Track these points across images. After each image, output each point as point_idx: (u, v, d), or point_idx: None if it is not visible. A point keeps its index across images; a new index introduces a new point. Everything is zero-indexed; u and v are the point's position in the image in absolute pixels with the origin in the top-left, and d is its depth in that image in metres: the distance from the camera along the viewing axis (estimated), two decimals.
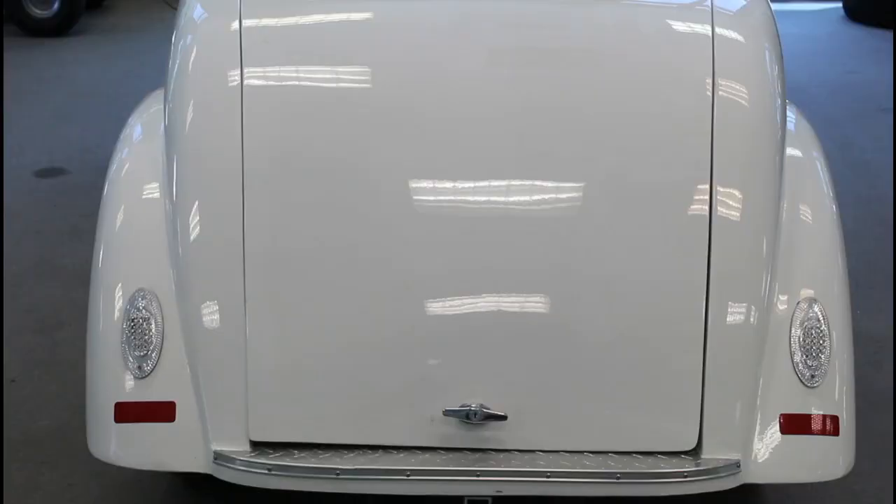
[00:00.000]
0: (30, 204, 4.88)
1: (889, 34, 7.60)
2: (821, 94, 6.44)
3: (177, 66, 2.48)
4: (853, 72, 6.99)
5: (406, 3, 2.58)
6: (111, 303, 2.41)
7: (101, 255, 2.50)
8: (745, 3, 2.62)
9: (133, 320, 2.35)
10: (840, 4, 8.34)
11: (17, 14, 7.45)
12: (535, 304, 2.35)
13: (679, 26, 2.52)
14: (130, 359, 2.34)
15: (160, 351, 2.33)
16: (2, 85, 5.80)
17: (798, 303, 2.39)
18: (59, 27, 7.50)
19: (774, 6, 2.67)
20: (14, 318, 3.83)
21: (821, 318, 2.38)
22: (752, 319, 2.34)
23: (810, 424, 2.35)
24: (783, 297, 2.39)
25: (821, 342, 2.36)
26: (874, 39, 7.70)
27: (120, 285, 2.42)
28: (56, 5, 7.46)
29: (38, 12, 7.47)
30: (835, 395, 2.38)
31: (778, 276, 2.39)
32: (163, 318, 2.34)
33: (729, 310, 2.33)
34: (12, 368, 3.52)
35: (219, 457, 2.31)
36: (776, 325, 2.36)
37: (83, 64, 6.96)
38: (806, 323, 2.37)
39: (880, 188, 5.13)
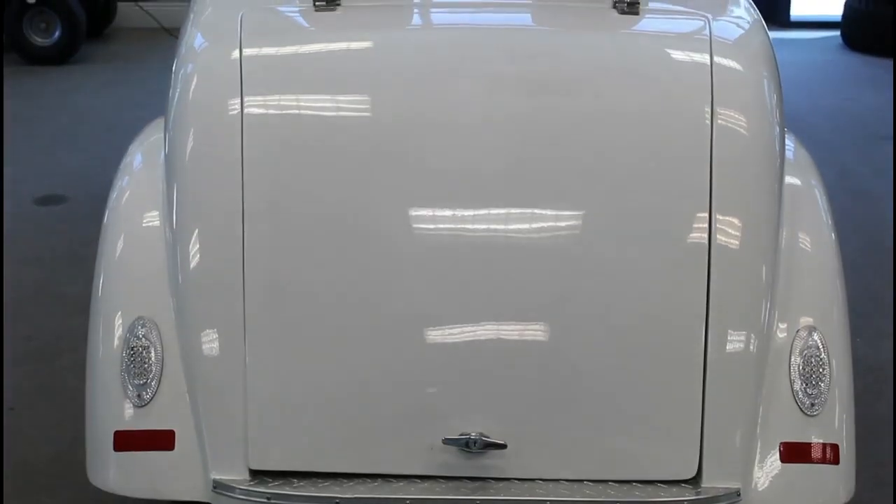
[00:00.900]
0: (29, 231, 4.89)
1: (888, 62, 7.62)
2: (819, 122, 6.46)
3: (177, 94, 2.49)
4: (851, 100, 7.00)
5: (406, 32, 2.60)
6: (111, 331, 2.41)
7: (100, 282, 2.50)
8: (743, 32, 2.63)
9: (133, 348, 2.35)
10: (838, 33, 8.36)
11: (19, 42, 7.47)
12: (534, 332, 2.35)
13: (678, 55, 2.53)
14: (130, 387, 2.34)
15: (159, 379, 2.33)
16: (1, 112, 5.81)
17: (798, 331, 2.39)
18: (61, 55, 7.51)
19: (772, 34, 2.68)
20: (13, 346, 3.83)
21: (820, 347, 2.38)
22: (751, 347, 2.34)
23: (810, 453, 2.35)
24: (783, 326, 2.39)
25: (820, 370, 2.36)
26: (872, 68, 7.72)
27: (120, 313, 2.42)
28: (57, 34, 7.48)
29: (39, 41, 7.49)
30: (835, 423, 2.38)
31: (777, 304, 2.39)
32: (162, 347, 2.34)
33: (728, 338, 2.33)
34: (11, 396, 3.52)
35: (218, 485, 2.30)
36: (776, 354, 2.36)
37: (84, 92, 6.98)
38: (806, 351, 2.37)
39: (879, 216, 5.14)
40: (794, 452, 2.34)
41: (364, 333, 2.32)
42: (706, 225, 2.34)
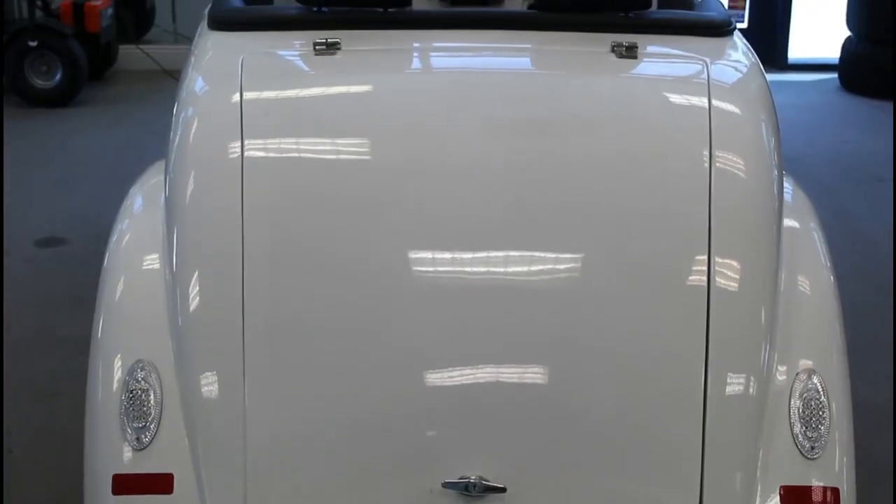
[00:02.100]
0: (30, 273, 4.89)
1: (885, 104, 7.65)
2: (817, 164, 6.47)
3: (178, 137, 2.50)
4: (849, 142, 7.02)
5: (405, 76, 2.62)
6: (110, 374, 2.40)
7: (100, 325, 2.50)
8: (741, 76, 2.65)
9: (132, 391, 2.34)
10: (835, 75, 8.40)
11: (20, 85, 7.50)
12: (533, 375, 2.35)
13: (676, 98, 2.55)
14: (129, 430, 2.33)
15: (159, 422, 2.32)
16: (1, 154, 5.83)
17: (797, 374, 2.39)
18: (62, 98, 7.54)
19: (770, 77, 2.70)
20: (12, 388, 3.82)
21: (820, 390, 2.37)
22: (751, 390, 2.34)
23: (811, 496, 2.34)
24: (782, 368, 2.39)
25: (820, 413, 2.36)
26: (870, 110, 7.75)
27: (119, 356, 2.41)
28: (58, 76, 7.51)
29: (40, 83, 7.52)
30: (835, 466, 2.37)
31: (777, 346, 2.39)
32: (162, 390, 2.34)
33: (728, 380, 2.33)
34: (10, 438, 3.51)
35: None
36: (775, 396, 2.36)
37: (84, 134, 7.00)
38: (805, 394, 2.36)
39: (878, 258, 5.14)
40: (795, 496, 2.33)
41: (363, 377, 2.32)
42: (705, 268, 2.34)
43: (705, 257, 2.34)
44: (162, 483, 2.31)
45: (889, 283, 4.77)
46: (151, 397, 2.34)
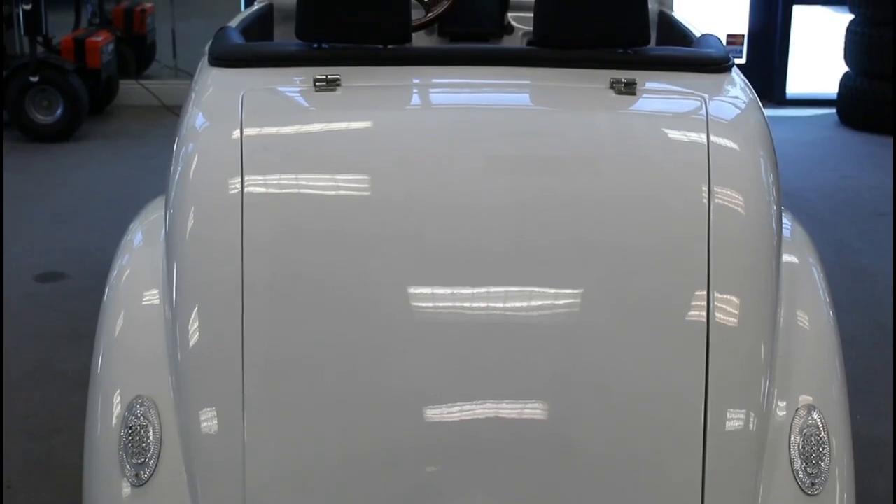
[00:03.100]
0: (29, 308, 4.88)
1: (883, 139, 7.67)
2: (816, 198, 6.48)
3: (178, 173, 2.51)
4: (849, 177, 7.04)
5: (405, 113, 2.63)
6: (109, 409, 2.40)
7: (99, 360, 2.50)
8: (739, 112, 2.66)
9: (131, 428, 2.34)
10: (834, 110, 8.43)
11: (21, 120, 7.52)
12: (533, 410, 2.35)
13: (675, 135, 2.56)
14: (128, 466, 2.32)
15: (157, 459, 2.32)
16: (2, 189, 5.84)
17: (797, 409, 2.38)
18: (62, 133, 7.56)
19: (769, 112, 2.71)
20: (11, 423, 3.81)
21: (820, 426, 2.37)
22: (751, 426, 2.33)
23: None
24: (782, 404, 2.38)
25: (821, 449, 2.35)
26: (869, 145, 7.77)
27: (118, 392, 2.41)
28: (59, 111, 7.53)
29: (41, 118, 7.54)
30: (836, 502, 2.36)
31: (776, 382, 2.39)
32: (161, 426, 2.34)
33: (728, 416, 2.32)
34: (9, 473, 3.50)
35: None
36: (775, 433, 2.35)
37: (85, 168, 7.01)
38: (805, 430, 2.36)
39: (878, 293, 5.15)
40: None
41: (363, 412, 2.31)
42: (704, 303, 2.34)
43: (705, 293, 2.34)
44: None
45: (889, 318, 4.77)
46: (150, 433, 2.33)
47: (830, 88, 8.54)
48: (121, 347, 2.50)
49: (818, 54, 9.72)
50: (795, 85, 8.98)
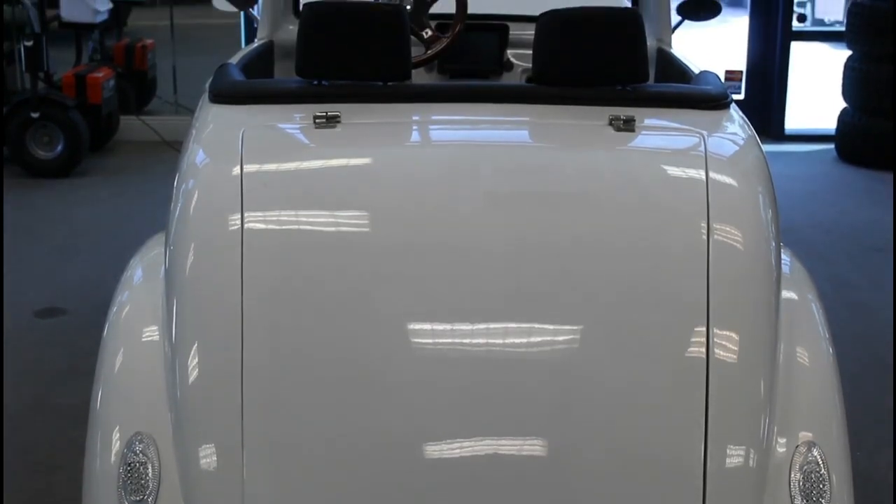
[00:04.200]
0: (29, 343, 4.88)
1: (882, 175, 7.68)
2: (815, 234, 6.49)
3: (178, 209, 2.51)
4: (847, 212, 7.04)
5: (405, 149, 2.64)
6: (108, 446, 2.40)
7: (99, 396, 2.50)
8: (738, 148, 2.67)
9: (130, 464, 2.33)
10: (832, 146, 8.45)
11: (21, 155, 7.54)
12: (532, 447, 2.35)
13: (673, 171, 2.57)
14: (126, 503, 2.32)
15: (157, 495, 2.31)
16: (2, 224, 5.84)
17: (797, 446, 2.38)
18: (63, 168, 7.57)
19: (767, 147, 2.72)
20: (10, 458, 3.80)
21: (820, 462, 2.36)
22: (751, 463, 2.33)
23: None
24: (782, 441, 2.38)
25: (821, 486, 2.35)
26: (867, 180, 7.78)
27: (117, 428, 2.41)
28: (60, 147, 7.54)
29: (41, 154, 7.55)
30: None
31: (776, 418, 2.39)
32: (160, 463, 2.33)
33: (728, 453, 2.32)
34: None
35: None
36: (775, 469, 2.35)
37: (85, 204, 7.02)
38: (805, 466, 2.35)
39: (877, 328, 5.14)
40: None
41: (363, 450, 2.31)
42: (704, 339, 2.34)
43: (704, 329, 2.35)
44: None
45: (888, 353, 4.76)
46: (149, 470, 2.33)
47: (829, 124, 8.56)
48: (120, 383, 2.50)
49: (816, 90, 9.77)
50: (794, 121, 9.00)
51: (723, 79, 3.29)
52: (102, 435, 2.43)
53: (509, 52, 4.61)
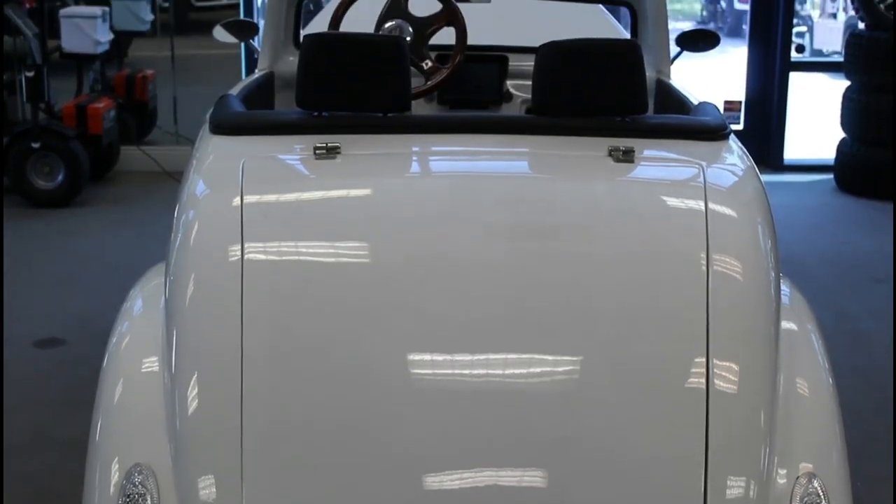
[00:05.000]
0: (28, 374, 4.87)
1: (881, 205, 7.69)
2: (815, 264, 6.49)
3: (178, 240, 2.52)
4: (847, 242, 7.05)
5: (404, 180, 2.65)
6: (107, 477, 2.39)
7: (98, 427, 2.50)
8: (737, 179, 2.67)
9: (129, 496, 2.33)
10: (831, 176, 8.46)
11: (22, 185, 7.55)
12: (532, 478, 2.34)
13: (673, 202, 2.57)
14: None
15: None
16: (2, 254, 5.84)
17: (797, 477, 2.37)
18: (63, 198, 7.58)
19: (766, 178, 2.72)
20: (10, 490, 3.79)
21: (821, 493, 2.36)
22: (751, 494, 2.32)
23: None
24: (782, 472, 2.38)
25: None
26: (866, 210, 7.79)
27: (117, 459, 2.40)
28: (60, 177, 7.56)
29: (41, 184, 7.56)
30: None
31: (776, 450, 2.38)
32: (159, 494, 2.32)
33: (728, 484, 2.31)
34: None
35: None
36: (776, 501, 2.34)
37: (85, 234, 7.03)
38: (806, 498, 2.35)
39: (877, 358, 5.14)
40: None
41: (362, 480, 2.30)
42: (704, 370, 2.34)
43: (704, 359, 2.35)
44: None
45: (889, 383, 4.76)
46: (148, 501, 2.32)
47: (828, 154, 8.58)
48: (120, 414, 2.50)
49: (815, 120, 9.79)
50: (793, 151, 9.02)
51: (722, 109, 3.30)
52: (101, 466, 2.42)
53: (509, 83, 4.63)
